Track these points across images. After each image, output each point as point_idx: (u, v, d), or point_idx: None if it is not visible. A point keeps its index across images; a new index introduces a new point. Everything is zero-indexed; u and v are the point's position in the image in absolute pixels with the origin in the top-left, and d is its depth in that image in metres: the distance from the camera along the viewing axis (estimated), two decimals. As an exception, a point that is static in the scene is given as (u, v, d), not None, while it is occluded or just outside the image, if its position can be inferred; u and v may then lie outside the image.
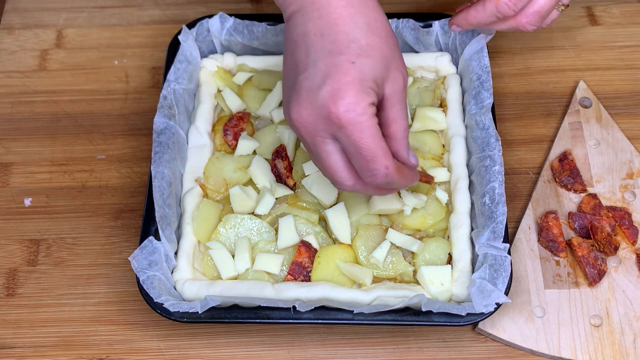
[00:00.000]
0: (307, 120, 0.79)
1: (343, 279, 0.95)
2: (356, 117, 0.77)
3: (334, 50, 0.78)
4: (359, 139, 0.78)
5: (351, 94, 0.77)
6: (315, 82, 0.78)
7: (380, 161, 0.79)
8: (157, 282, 0.93)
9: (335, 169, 0.82)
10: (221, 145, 1.07)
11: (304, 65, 0.80)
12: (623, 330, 0.96)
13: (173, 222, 0.98)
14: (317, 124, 0.79)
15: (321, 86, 0.78)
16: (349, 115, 0.77)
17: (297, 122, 0.80)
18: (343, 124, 0.77)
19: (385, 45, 0.81)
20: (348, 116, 0.77)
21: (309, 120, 0.79)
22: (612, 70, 1.17)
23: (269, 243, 0.98)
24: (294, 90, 0.80)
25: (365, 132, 0.78)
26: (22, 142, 1.14)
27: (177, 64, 1.07)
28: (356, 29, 0.79)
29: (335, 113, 0.77)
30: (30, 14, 1.27)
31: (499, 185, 0.96)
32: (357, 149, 0.79)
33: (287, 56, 0.83)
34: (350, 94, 0.77)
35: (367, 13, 0.80)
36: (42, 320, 1.01)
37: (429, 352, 0.96)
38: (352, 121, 0.77)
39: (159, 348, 0.98)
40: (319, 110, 0.78)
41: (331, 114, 0.77)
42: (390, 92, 0.81)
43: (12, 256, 1.05)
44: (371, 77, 0.79)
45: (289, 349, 0.97)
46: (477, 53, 1.06)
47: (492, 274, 0.91)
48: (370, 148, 0.79)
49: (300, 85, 0.79)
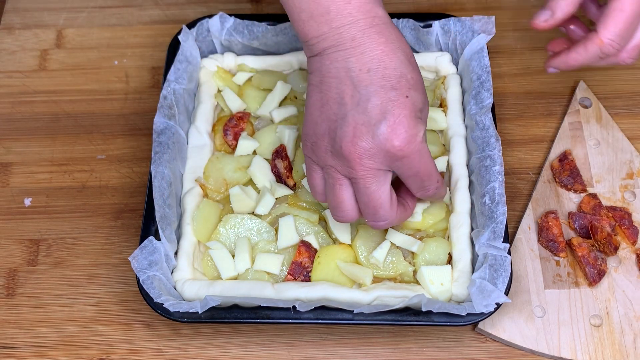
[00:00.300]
0: (367, 154, 0.82)
1: (343, 279, 0.95)
2: (417, 145, 0.82)
3: (386, 85, 0.81)
4: (419, 164, 0.84)
5: (411, 125, 0.82)
6: (374, 117, 0.81)
7: (434, 177, 0.87)
8: (157, 282, 0.93)
9: (382, 202, 0.85)
10: (221, 145, 1.07)
11: (354, 100, 0.82)
12: (623, 330, 0.96)
13: (173, 222, 0.98)
14: (377, 157, 0.82)
15: (381, 121, 0.81)
16: (411, 147, 0.82)
17: (353, 155, 0.82)
18: (406, 154, 0.82)
19: (421, 77, 0.85)
20: (410, 147, 0.82)
21: (369, 153, 0.82)
22: (612, 70, 1.17)
23: (269, 243, 0.98)
24: (344, 125, 0.82)
25: (424, 157, 0.84)
26: (22, 142, 1.14)
27: (177, 64, 1.07)
28: (401, 64, 0.82)
29: (399, 146, 0.81)
30: (30, 14, 1.27)
31: (499, 185, 0.96)
32: (415, 173, 0.85)
33: (326, 90, 0.84)
34: (410, 126, 0.81)
35: (404, 48, 0.84)
36: (42, 320, 1.01)
37: (429, 352, 0.96)
38: (413, 151, 0.82)
39: (159, 348, 0.98)
40: (381, 144, 0.81)
41: (395, 148, 0.81)
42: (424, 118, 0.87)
43: (12, 256, 1.05)
44: (420, 107, 0.83)
45: (289, 349, 0.97)
46: (477, 53, 1.06)
47: (492, 274, 0.91)
48: (427, 170, 0.85)
49: (354, 120, 0.82)
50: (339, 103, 0.83)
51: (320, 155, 0.86)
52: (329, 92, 0.84)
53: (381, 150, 0.82)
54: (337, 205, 0.87)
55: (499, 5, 1.25)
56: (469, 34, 1.08)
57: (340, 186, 0.86)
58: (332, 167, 0.85)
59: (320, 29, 0.83)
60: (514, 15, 1.24)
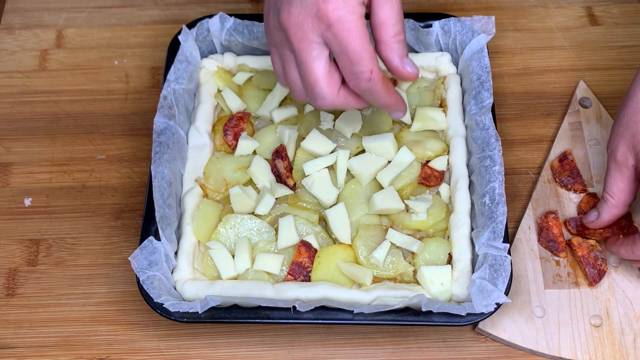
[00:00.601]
0: (297, 20, 0.80)
1: (343, 279, 0.95)
2: (344, 15, 0.78)
3: None
4: (346, 38, 0.79)
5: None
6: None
7: (365, 63, 0.80)
8: (157, 282, 0.93)
9: (317, 77, 0.82)
10: (221, 145, 1.07)
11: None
12: (623, 330, 0.96)
13: (173, 222, 0.98)
14: (306, 23, 0.79)
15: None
16: (337, 13, 0.78)
17: (287, 23, 0.80)
18: (331, 21, 0.78)
19: None
20: (336, 14, 0.78)
21: (299, 19, 0.80)
22: (612, 70, 1.17)
23: (269, 243, 0.98)
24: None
25: (352, 31, 0.79)
26: (22, 142, 1.14)
27: (177, 64, 1.07)
28: None
29: (324, 10, 0.78)
30: (30, 14, 1.27)
31: (499, 185, 0.96)
32: (343, 49, 0.79)
33: None
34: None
35: None
36: (42, 320, 1.01)
37: (429, 352, 0.96)
38: (340, 19, 0.78)
39: (159, 348, 0.98)
40: (309, 8, 0.79)
41: (320, 11, 0.78)
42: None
43: (12, 256, 1.05)
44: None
45: (289, 349, 0.97)
46: (477, 53, 1.06)
47: (492, 274, 0.91)
48: (356, 49, 0.79)
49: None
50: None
51: (271, 32, 0.84)
52: None
53: (310, 15, 0.79)
54: (290, 85, 0.86)
55: (499, 5, 1.25)
56: (469, 34, 1.08)
57: (290, 64, 0.84)
58: (279, 44, 0.84)
59: None
60: (514, 15, 1.24)
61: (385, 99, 0.85)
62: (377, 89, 0.83)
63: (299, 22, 0.80)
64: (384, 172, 1.01)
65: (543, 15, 1.23)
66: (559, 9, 1.24)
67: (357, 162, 1.02)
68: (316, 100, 0.84)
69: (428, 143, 1.04)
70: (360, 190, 1.01)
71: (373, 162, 1.01)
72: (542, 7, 1.24)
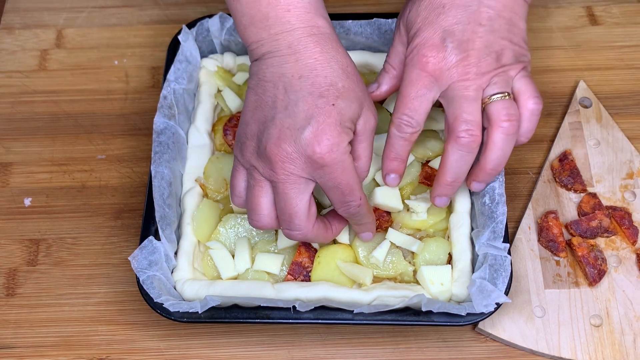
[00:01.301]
0: (289, 157, 0.82)
1: (343, 279, 0.95)
2: (339, 156, 0.82)
3: (315, 92, 0.82)
4: (340, 176, 0.83)
5: (334, 134, 0.81)
6: (298, 122, 0.81)
7: (356, 194, 0.85)
8: (157, 282, 0.93)
9: (298, 211, 0.85)
10: (221, 145, 1.07)
11: (283, 104, 0.83)
12: (623, 330, 0.96)
13: (173, 222, 0.98)
14: (298, 162, 0.82)
15: (305, 126, 0.81)
16: (332, 156, 0.81)
17: (276, 157, 0.82)
18: (327, 163, 0.81)
19: (359, 88, 0.85)
20: (332, 156, 0.81)
21: (290, 157, 0.82)
22: (612, 70, 1.17)
23: (268, 243, 0.98)
24: (271, 126, 0.83)
25: (345, 169, 0.83)
26: (22, 142, 1.14)
27: (177, 64, 1.07)
28: (333, 73, 0.83)
29: (320, 153, 0.81)
30: (30, 14, 1.27)
31: (499, 185, 0.96)
32: (336, 185, 0.84)
33: (260, 92, 0.85)
34: (333, 134, 0.81)
35: (340, 59, 0.85)
36: (42, 320, 1.01)
37: (429, 352, 0.96)
38: (335, 160, 0.82)
39: (159, 348, 0.98)
40: (303, 149, 0.81)
41: (315, 154, 0.81)
42: (361, 129, 0.86)
43: (12, 256, 1.05)
44: (349, 117, 0.83)
45: (289, 349, 0.97)
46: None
47: (492, 273, 0.91)
48: (349, 183, 0.84)
49: (281, 123, 0.82)
50: (270, 106, 0.84)
51: (247, 156, 0.86)
52: (263, 95, 0.85)
53: (302, 156, 0.82)
54: (254, 207, 0.87)
55: (499, 5, 1.24)
56: (469, 34, 1.08)
57: (261, 188, 0.86)
58: (255, 168, 0.85)
59: (260, 35, 0.85)
60: (514, 15, 1.23)
61: (367, 219, 0.91)
62: (363, 212, 0.88)
63: (291, 158, 0.82)
64: (384, 172, 1.01)
65: (543, 15, 1.23)
66: (559, 8, 1.24)
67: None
68: (292, 231, 0.87)
69: (428, 143, 1.04)
70: (360, 190, 1.01)
71: (373, 162, 1.01)
72: (542, 7, 1.24)
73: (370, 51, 1.12)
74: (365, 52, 1.12)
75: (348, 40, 1.11)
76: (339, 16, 1.10)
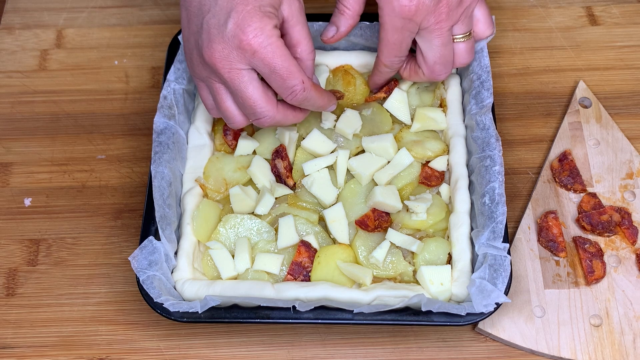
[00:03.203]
0: (222, 54, 0.85)
1: (343, 279, 0.95)
2: (265, 39, 0.84)
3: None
4: (272, 59, 0.86)
5: (255, 19, 0.84)
6: (221, 19, 0.85)
7: (296, 76, 0.87)
8: (157, 282, 0.93)
9: (255, 99, 0.88)
10: (221, 145, 1.07)
11: (206, 7, 0.86)
12: (623, 330, 0.96)
13: (173, 222, 0.98)
14: (232, 55, 0.85)
15: (227, 20, 0.85)
16: (258, 40, 0.84)
17: (213, 59, 0.86)
18: (255, 48, 0.84)
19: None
20: (257, 40, 0.84)
21: (223, 53, 0.85)
22: (612, 70, 1.17)
23: (268, 243, 0.98)
24: (202, 32, 0.87)
25: (276, 51, 0.85)
26: (22, 142, 1.14)
27: (177, 64, 1.07)
28: None
29: (246, 40, 0.84)
30: (30, 14, 1.27)
31: (499, 185, 0.96)
32: (272, 69, 0.86)
33: (187, 4, 0.89)
34: (254, 20, 0.84)
35: None
36: (42, 320, 1.01)
37: (429, 352, 0.97)
38: (262, 44, 0.84)
39: (159, 348, 0.98)
40: (231, 42, 0.84)
41: (242, 42, 0.84)
42: (288, 14, 0.89)
43: (12, 256, 1.05)
44: (268, 2, 0.86)
45: (289, 349, 0.97)
46: (477, 53, 1.06)
47: (492, 273, 0.91)
48: (284, 66, 0.86)
49: (208, 25, 0.86)
50: (197, 14, 0.87)
51: (197, 70, 0.90)
52: (190, 6, 0.88)
53: (233, 48, 0.85)
54: (224, 113, 0.92)
55: (499, 5, 1.25)
56: (469, 34, 1.08)
57: (221, 94, 0.90)
58: (208, 77, 0.90)
59: None
60: (514, 15, 1.24)
61: (320, 102, 0.93)
62: (312, 95, 0.90)
63: (224, 55, 0.86)
64: (382, 172, 1.01)
65: (543, 15, 1.24)
66: (558, 9, 1.24)
67: (357, 162, 1.02)
68: (260, 119, 0.91)
69: (428, 143, 1.04)
70: (360, 190, 1.01)
71: (373, 163, 1.02)
72: (542, 7, 1.24)
73: (369, 51, 1.12)
74: (365, 52, 1.12)
75: (348, 41, 1.11)
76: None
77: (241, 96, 0.88)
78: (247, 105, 0.89)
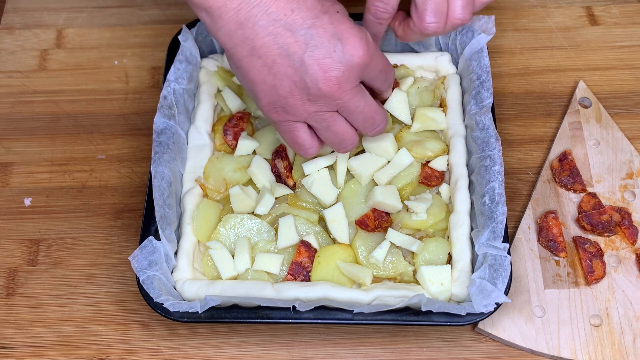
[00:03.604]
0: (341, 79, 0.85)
1: (343, 278, 0.95)
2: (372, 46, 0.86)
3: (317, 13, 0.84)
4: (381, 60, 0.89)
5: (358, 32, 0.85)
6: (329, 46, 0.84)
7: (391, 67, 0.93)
8: (157, 282, 0.93)
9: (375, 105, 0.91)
10: (221, 145, 1.07)
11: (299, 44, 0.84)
12: (623, 330, 0.96)
13: (173, 222, 0.98)
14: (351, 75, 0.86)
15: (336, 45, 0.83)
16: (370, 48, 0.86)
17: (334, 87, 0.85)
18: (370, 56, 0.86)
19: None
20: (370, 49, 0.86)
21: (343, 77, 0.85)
22: (612, 70, 1.17)
23: (268, 243, 0.98)
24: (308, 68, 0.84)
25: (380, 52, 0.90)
26: (22, 142, 1.14)
27: (177, 64, 1.07)
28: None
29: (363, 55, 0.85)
30: (30, 14, 1.27)
31: (499, 185, 0.96)
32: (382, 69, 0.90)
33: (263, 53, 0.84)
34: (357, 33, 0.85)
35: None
36: (42, 320, 1.01)
37: (429, 352, 0.97)
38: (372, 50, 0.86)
39: (159, 348, 0.98)
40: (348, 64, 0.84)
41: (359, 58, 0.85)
42: None
43: (12, 256, 1.05)
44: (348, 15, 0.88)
45: (288, 349, 0.97)
46: (477, 53, 1.06)
47: (492, 273, 0.91)
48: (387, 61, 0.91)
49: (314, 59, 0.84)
50: (287, 56, 0.84)
51: (298, 109, 0.87)
52: (269, 52, 0.84)
53: (351, 68, 0.84)
54: (341, 139, 0.91)
55: (499, 5, 1.25)
56: (469, 34, 1.08)
57: (336, 121, 0.89)
58: (318, 111, 0.87)
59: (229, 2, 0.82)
60: (514, 15, 1.24)
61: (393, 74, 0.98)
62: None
63: (343, 79, 0.85)
64: (381, 172, 1.01)
65: (543, 15, 1.24)
66: (558, 8, 1.24)
67: (357, 162, 1.02)
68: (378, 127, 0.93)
69: (428, 143, 1.04)
70: (360, 190, 1.01)
71: (373, 162, 1.02)
72: (542, 7, 1.24)
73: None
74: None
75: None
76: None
77: (363, 111, 0.89)
78: (369, 115, 0.90)
